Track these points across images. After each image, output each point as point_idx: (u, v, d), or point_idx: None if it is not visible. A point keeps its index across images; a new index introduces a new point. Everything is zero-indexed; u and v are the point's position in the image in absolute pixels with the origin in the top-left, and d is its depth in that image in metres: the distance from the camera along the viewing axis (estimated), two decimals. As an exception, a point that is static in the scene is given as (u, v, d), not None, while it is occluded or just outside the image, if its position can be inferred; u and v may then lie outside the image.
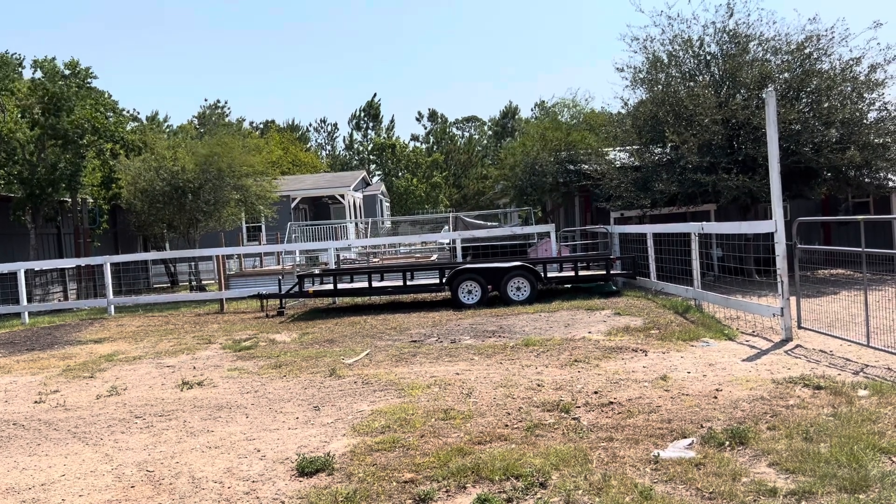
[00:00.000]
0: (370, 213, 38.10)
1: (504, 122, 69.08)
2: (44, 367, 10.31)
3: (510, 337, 10.02)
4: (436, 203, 57.74)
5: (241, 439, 5.92)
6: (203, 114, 50.74)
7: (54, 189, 19.99)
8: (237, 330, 12.91)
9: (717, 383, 6.72)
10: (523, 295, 13.66)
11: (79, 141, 20.19)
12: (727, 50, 15.70)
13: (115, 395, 8.02)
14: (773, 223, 9.09)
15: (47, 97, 19.91)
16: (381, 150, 63.30)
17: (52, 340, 13.24)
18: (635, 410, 5.92)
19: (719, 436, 5.09)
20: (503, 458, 4.87)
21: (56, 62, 20.84)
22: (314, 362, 9.13)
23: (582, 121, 21.31)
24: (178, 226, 21.41)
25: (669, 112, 15.45)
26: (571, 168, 19.55)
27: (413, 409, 6.36)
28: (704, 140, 14.74)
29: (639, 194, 15.78)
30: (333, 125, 74.09)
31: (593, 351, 8.55)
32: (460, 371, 7.99)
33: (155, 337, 12.69)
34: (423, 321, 12.23)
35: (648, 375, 7.17)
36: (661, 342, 8.91)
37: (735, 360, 7.72)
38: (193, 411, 6.99)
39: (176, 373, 9.13)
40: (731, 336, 9.13)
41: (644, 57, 16.53)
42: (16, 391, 8.74)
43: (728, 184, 14.39)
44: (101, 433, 6.44)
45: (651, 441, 5.15)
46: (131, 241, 26.43)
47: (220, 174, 20.24)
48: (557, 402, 6.29)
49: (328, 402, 7.01)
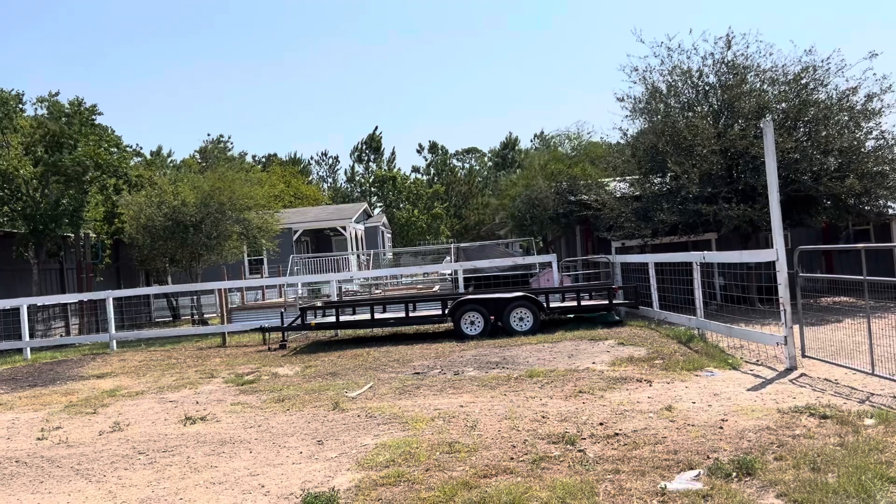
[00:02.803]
0: (372, 244, 38.18)
1: (504, 152, 69.64)
2: (46, 404, 10.27)
3: (514, 368, 9.99)
4: (437, 234, 57.91)
5: (245, 475, 5.89)
6: (205, 148, 51.12)
7: (57, 225, 20.09)
8: (240, 364, 12.88)
9: (722, 413, 6.69)
10: (526, 325, 13.64)
11: (82, 177, 20.34)
12: (725, 81, 15.88)
13: (117, 431, 7.98)
14: (774, 252, 9.12)
15: (49, 135, 20.10)
16: (383, 181, 63.69)
17: (54, 376, 13.20)
18: (641, 442, 5.89)
19: (726, 467, 5.06)
20: (509, 491, 4.84)
21: (59, 99, 21.08)
22: (317, 396, 9.09)
23: (582, 153, 21.48)
24: (180, 260, 21.49)
25: (669, 142, 15.58)
26: (572, 199, 19.65)
27: (417, 443, 6.33)
28: (704, 170, 14.84)
29: (640, 224, 15.84)
30: (335, 158, 74.64)
31: (598, 381, 8.52)
32: (464, 403, 7.96)
33: (157, 372, 12.66)
34: (425, 353, 12.20)
35: (653, 406, 7.14)
36: (665, 372, 8.88)
37: (740, 390, 7.70)
38: (197, 447, 6.96)
39: (179, 408, 9.10)
40: (735, 365, 9.10)
41: (643, 87, 16.72)
42: (18, 428, 8.70)
43: (729, 213, 14.46)
44: (104, 470, 6.40)
45: (657, 473, 5.12)
46: (133, 276, 26.48)
47: (221, 208, 20.37)
48: (563, 433, 6.26)
49: (332, 436, 6.97)
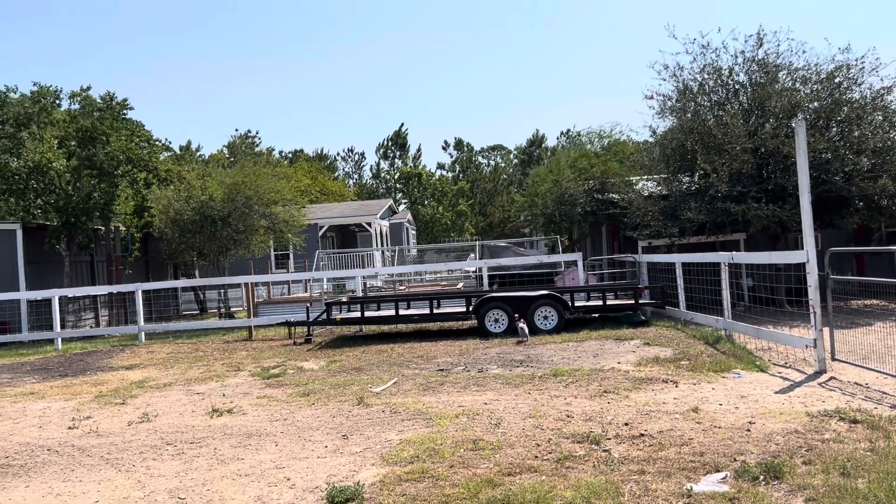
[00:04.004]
0: (396, 241, 38.29)
1: (531, 150, 69.39)
2: (76, 393, 10.46)
3: (538, 367, 9.97)
4: (461, 231, 57.92)
5: (270, 467, 5.95)
6: (233, 143, 51.64)
7: (88, 218, 20.44)
8: (265, 357, 13.00)
9: (749, 416, 6.62)
10: (550, 324, 13.59)
11: (113, 171, 20.67)
12: (756, 79, 15.66)
13: (146, 422, 8.11)
14: (804, 253, 8.99)
15: (82, 130, 20.44)
16: (408, 178, 63.83)
17: (84, 366, 13.44)
18: (667, 443, 5.85)
19: (753, 470, 5.01)
20: (534, 490, 4.84)
21: (91, 94, 21.43)
22: (342, 390, 9.15)
23: (611, 151, 21.32)
24: (208, 254, 21.73)
25: (698, 141, 15.41)
26: (599, 197, 19.53)
27: (441, 439, 6.34)
28: (734, 169, 14.66)
29: (667, 223, 15.70)
30: (361, 154, 75.06)
31: (623, 382, 8.48)
32: (488, 401, 7.97)
33: (185, 364, 12.83)
34: (449, 350, 12.21)
35: (679, 407, 7.08)
36: (691, 373, 8.80)
37: (768, 393, 7.61)
38: (223, 439, 7.04)
39: (206, 400, 9.22)
40: (762, 367, 8.99)
41: (673, 85, 16.54)
42: (50, 417, 8.88)
43: (758, 213, 14.27)
44: (133, 459, 6.51)
45: (683, 474, 5.08)
46: (162, 269, 26.83)
47: (247, 202, 20.55)
48: (587, 433, 6.24)
49: (356, 430, 7.02)
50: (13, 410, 9.48)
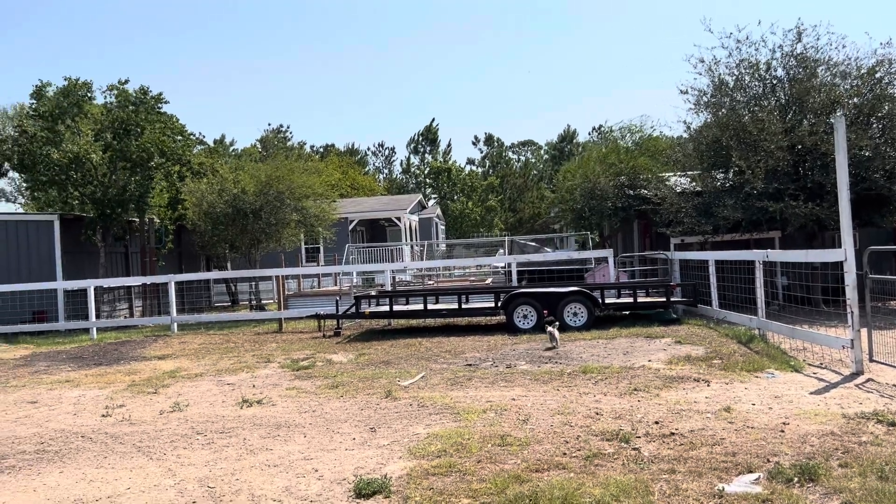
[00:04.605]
0: (425, 235, 38.34)
1: (562, 145, 68.91)
2: (110, 382, 10.64)
3: (567, 363, 9.90)
4: (490, 227, 57.77)
5: (299, 458, 5.98)
6: (266, 138, 52.10)
7: (123, 209, 20.79)
8: (295, 349, 13.10)
9: (783, 416, 6.49)
10: (580, 321, 13.49)
11: (147, 164, 20.98)
12: (794, 74, 15.33)
13: (177, 411, 8.21)
14: (842, 252, 8.78)
15: (117, 122, 20.77)
16: (438, 173, 63.82)
17: (118, 356, 13.67)
18: (698, 442, 5.76)
19: (787, 471, 4.90)
20: (561, 487, 4.79)
21: (127, 87, 21.74)
22: (370, 383, 9.18)
23: (642, 147, 21.04)
24: (239, 246, 21.95)
25: (733, 137, 15.15)
26: (631, 193, 19.31)
27: (469, 434, 6.32)
28: (770, 166, 14.38)
29: (700, 220, 15.46)
30: (391, 149, 75.21)
31: (653, 380, 8.37)
32: (516, 397, 7.92)
33: (216, 355, 12.98)
34: (477, 345, 12.18)
35: (711, 406, 6.97)
36: (723, 372, 8.66)
37: (802, 393, 7.45)
38: (253, 429, 7.10)
39: (236, 390, 9.31)
40: (797, 368, 8.81)
41: (709, 80, 16.27)
42: (84, 404, 9.04)
43: (795, 211, 13.98)
44: (164, 448, 6.59)
45: (715, 474, 4.99)
46: (194, 261, 27.18)
47: (279, 196, 20.71)
48: (617, 431, 6.16)
49: (384, 423, 7.03)
50: (49, 398, 9.68)
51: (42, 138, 20.31)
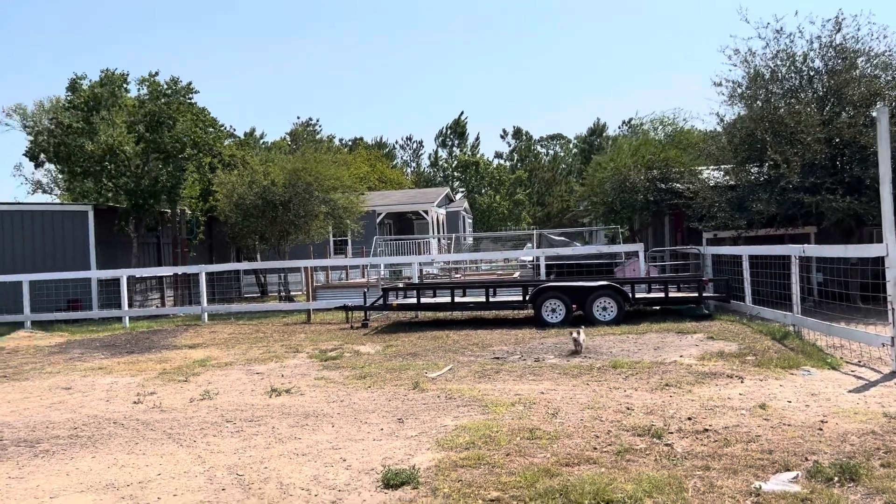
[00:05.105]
0: (453, 229, 38.27)
1: (591, 139, 68.36)
2: (142, 370, 10.76)
3: (596, 358, 9.78)
4: (518, 220, 57.57)
5: (327, 448, 5.97)
6: (295, 131, 52.42)
7: (156, 200, 21.03)
8: (323, 340, 13.14)
9: (821, 414, 6.32)
10: (609, 315, 13.34)
11: (179, 155, 21.18)
12: (833, 66, 14.95)
13: (207, 399, 8.26)
14: (884, 247, 8.54)
15: (150, 114, 21.01)
16: (466, 167, 63.73)
17: (150, 344, 13.84)
18: (732, 439, 5.63)
19: (827, 470, 4.76)
20: (593, 481, 4.70)
21: (159, 79, 21.98)
22: (398, 375, 9.16)
23: (675, 139, 20.72)
24: (269, 238, 22.08)
25: (768, 130, 14.84)
26: (663, 186, 19.03)
27: (497, 427, 6.25)
28: (807, 159, 14.06)
29: (734, 214, 15.17)
30: (419, 142, 75.26)
31: (685, 375, 8.23)
32: (545, 390, 7.84)
33: (245, 344, 13.07)
34: (505, 338, 12.11)
35: (745, 403, 6.82)
36: (757, 369, 8.49)
37: (840, 391, 7.26)
38: (282, 418, 7.12)
39: (265, 380, 9.35)
40: (834, 365, 8.60)
41: (744, 71, 15.93)
42: (116, 391, 9.15)
43: (832, 205, 13.66)
44: (194, 435, 6.63)
45: (751, 472, 4.87)
46: (224, 252, 27.45)
47: (308, 188, 20.78)
48: (648, 426, 6.05)
49: (412, 414, 6.99)
50: (83, 384, 9.81)
51: (77, 130, 20.62)
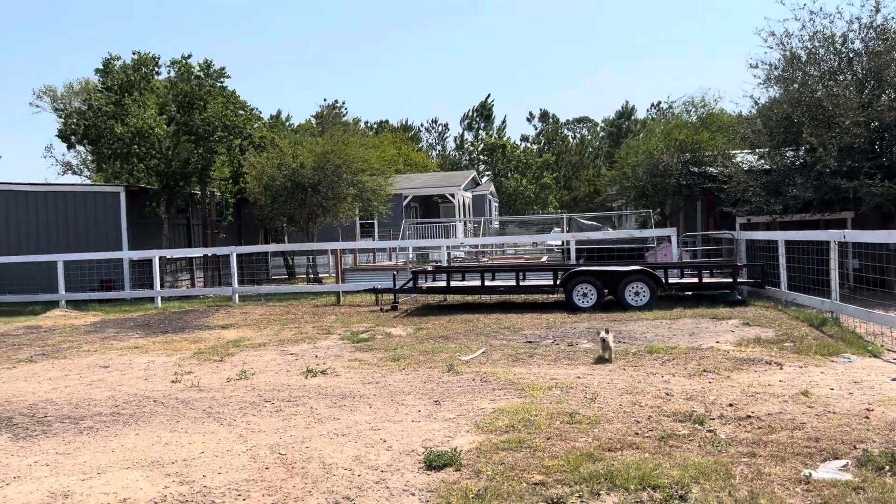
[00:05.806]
0: (479, 212, 38.18)
1: (619, 122, 67.61)
2: (177, 350, 10.89)
3: (630, 343, 9.71)
4: (545, 204, 57.22)
5: (366, 429, 6.00)
6: (321, 113, 52.47)
7: (186, 182, 21.22)
8: (354, 322, 13.20)
9: (866, 402, 6.21)
10: (642, 300, 13.22)
11: (209, 137, 21.31)
12: (873, 47, 14.59)
13: (244, 379, 8.34)
14: (929, 233, 8.35)
15: (181, 96, 21.13)
16: (492, 150, 63.38)
17: (182, 324, 14.00)
18: (777, 426, 5.56)
19: (878, 459, 4.68)
20: (637, 466, 4.67)
21: (190, 62, 22.07)
22: (431, 357, 9.17)
23: (707, 122, 20.38)
24: (297, 220, 22.18)
25: (805, 113, 14.54)
26: (695, 170, 18.77)
27: (536, 410, 6.24)
28: (844, 143, 13.77)
29: (769, 199, 14.93)
30: (444, 125, 75.07)
31: (723, 361, 8.14)
32: (581, 375, 7.80)
33: (277, 325, 13.17)
34: (536, 322, 12.07)
35: (787, 390, 6.73)
36: (796, 356, 8.37)
37: (884, 379, 7.13)
38: (319, 398, 7.16)
39: (299, 360, 9.42)
40: (875, 353, 8.46)
41: (780, 53, 15.62)
42: (154, 370, 9.27)
43: (871, 190, 13.37)
44: (234, 414, 6.70)
45: (798, 460, 4.80)
46: (253, 234, 27.64)
47: (336, 170, 20.80)
48: (689, 412, 5.99)
49: (448, 397, 7.00)
50: (120, 363, 9.96)
51: (107, 112, 20.81)
